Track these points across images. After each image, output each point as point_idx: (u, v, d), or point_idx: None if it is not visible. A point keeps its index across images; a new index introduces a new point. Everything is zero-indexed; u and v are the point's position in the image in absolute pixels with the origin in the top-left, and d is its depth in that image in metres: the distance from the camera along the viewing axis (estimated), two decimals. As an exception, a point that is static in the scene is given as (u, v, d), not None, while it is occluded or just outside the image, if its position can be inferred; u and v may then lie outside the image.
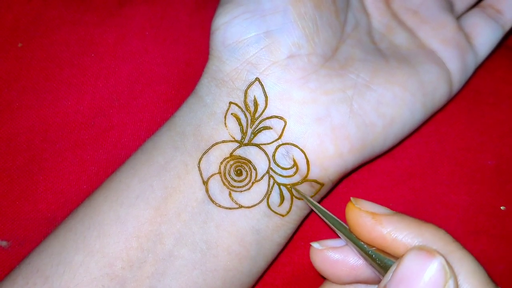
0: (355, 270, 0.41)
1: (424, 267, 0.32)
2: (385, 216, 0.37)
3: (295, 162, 0.43)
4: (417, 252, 0.33)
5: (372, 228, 0.37)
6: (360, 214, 0.38)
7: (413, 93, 0.46)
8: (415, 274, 0.32)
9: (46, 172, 0.49)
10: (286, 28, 0.42)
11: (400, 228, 0.36)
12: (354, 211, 0.38)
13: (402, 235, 0.36)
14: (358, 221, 0.38)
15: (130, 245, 0.40)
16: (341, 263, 0.41)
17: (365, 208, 0.38)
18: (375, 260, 0.37)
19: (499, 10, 0.53)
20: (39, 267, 0.40)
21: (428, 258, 0.32)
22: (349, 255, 0.41)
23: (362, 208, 0.38)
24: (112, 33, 0.53)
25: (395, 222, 0.36)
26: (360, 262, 0.41)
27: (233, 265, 0.42)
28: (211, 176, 0.42)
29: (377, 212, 0.37)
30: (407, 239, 0.36)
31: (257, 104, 0.42)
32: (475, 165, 0.53)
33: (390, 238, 0.36)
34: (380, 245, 0.37)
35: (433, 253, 0.32)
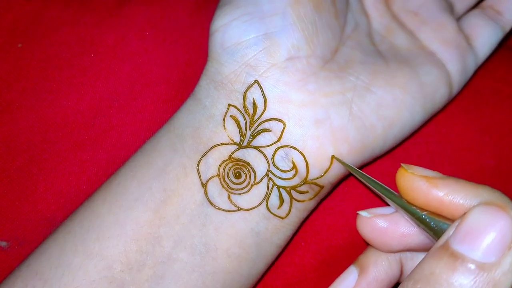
0: (405, 238, 0.41)
1: (494, 220, 0.31)
2: (440, 179, 0.36)
3: (294, 164, 0.43)
4: (487, 206, 0.32)
5: (428, 192, 0.36)
6: (414, 179, 0.37)
7: (413, 95, 0.46)
8: (484, 227, 0.31)
9: (46, 173, 0.49)
10: (285, 30, 0.42)
11: (457, 190, 0.35)
12: (408, 176, 0.37)
13: (459, 196, 0.35)
14: (412, 186, 0.37)
15: (129, 248, 0.40)
16: (391, 231, 0.41)
17: (419, 173, 0.37)
18: (429, 224, 0.36)
19: (499, 11, 0.53)
20: (38, 269, 0.40)
21: (499, 212, 0.31)
22: (399, 222, 0.41)
23: (415, 172, 0.37)
24: (112, 33, 0.53)
25: (451, 184, 0.36)
26: (411, 229, 0.41)
27: (232, 267, 0.42)
28: (210, 179, 0.42)
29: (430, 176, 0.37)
30: (465, 200, 0.35)
31: (256, 106, 0.42)
32: (475, 166, 0.53)
33: (447, 200, 0.35)
34: (435, 209, 0.36)
35: (504, 208, 0.31)
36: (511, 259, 0.30)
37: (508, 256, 0.30)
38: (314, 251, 0.50)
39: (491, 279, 0.30)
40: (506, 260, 0.30)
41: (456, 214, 0.35)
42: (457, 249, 0.31)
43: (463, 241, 0.31)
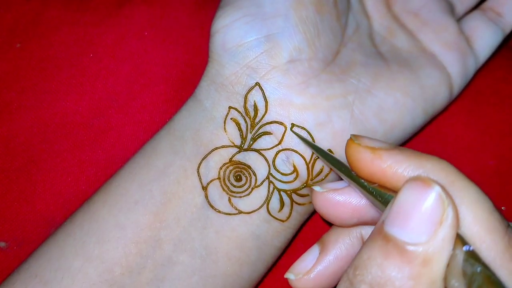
0: (358, 211, 0.39)
1: (420, 197, 0.30)
2: (385, 150, 0.35)
3: (295, 167, 0.42)
4: (413, 183, 0.30)
5: (372, 163, 0.35)
6: (359, 150, 0.35)
7: (414, 98, 0.46)
8: (411, 205, 0.30)
9: (45, 173, 0.49)
10: (287, 32, 0.42)
11: (400, 161, 0.34)
12: (353, 146, 0.36)
13: (402, 168, 0.34)
14: (358, 157, 0.35)
15: (129, 251, 0.40)
16: (344, 205, 0.39)
17: (364, 144, 0.36)
18: (376, 197, 0.35)
19: (500, 13, 0.53)
20: (37, 272, 0.40)
21: (424, 188, 0.30)
22: (351, 196, 0.39)
23: (361, 143, 0.36)
24: (111, 33, 0.53)
25: (395, 155, 0.34)
26: (363, 202, 0.39)
27: (233, 270, 0.42)
28: (211, 182, 0.42)
29: (376, 147, 0.35)
30: (408, 171, 0.33)
31: (257, 109, 0.42)
32: (475, 165, 0.53)
33: (390, 172, 0.34)
34: (381, 181, 0.35)
35: (428, 183, 0.30)
36: (442, 235, 0.29)
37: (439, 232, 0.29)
38: (313, 253, 0.50)
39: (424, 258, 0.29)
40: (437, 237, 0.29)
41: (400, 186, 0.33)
42: (389, 231, 0.30)
43: (393, 223, 0.30)
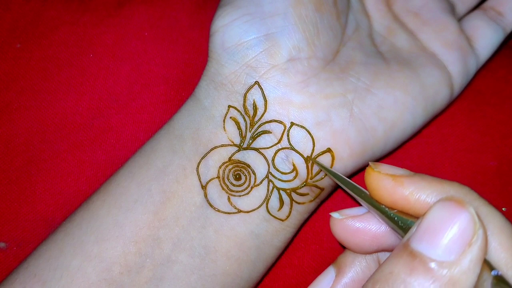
0: (378, 238, 0.40)
1: (452, 217, 0.30)
2: (406, 177, 0.36)
3: (294, 166, 0.42)
4: (446, 203, 0.31)
5: (394, 190, 0.36)
6: (380, 177, 0.36)
7: (414, 97, 0.46)
8: (442, 224, 0.30)
9: (45, 173, 0.49)
10: (287, 31, 0.42)
11: (422, 187, 0.35)
12: (374, 174, 0.37)
13: (424, 194, 0.35)
14: (379, 185, 0.36)
15: (128, 250, 0.40)
16: (363, 232, 0.40)
17: (384, 171, 0.37)
18: (398, 223, 0.36)
19: (501, 12, 0.53)
20: (36, 271, 0.40)
21: (457, 208, 0.30)
22: (371, 223, 0.40)
23: (381, 171, 0.37)
24: (111, 33, 0.53)
25: (416, 182, 0.35)
26: (383, 229, 0.40)
27: (232, 269, 0.42)
28: (210, 181, 0.42)
29: (397, 174, 0.36)
30: (431, 198, 0.35)
31: (256, 108, 0.42)
32: (476, 166, 0.53)
33: (412, 198, 0.35)
34: (402, 207, 0.36)
35: (462, 204, 0.30)
36: (470, 256, 0.30)
37: (468, 253, 0.30)
38: (313, 253, 0.50)
39: (450, 278, 0.29)
40: (466, 258, 0.30)
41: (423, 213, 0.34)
42: (416, 247, 0.31)
43: (421, 240, 0.31)
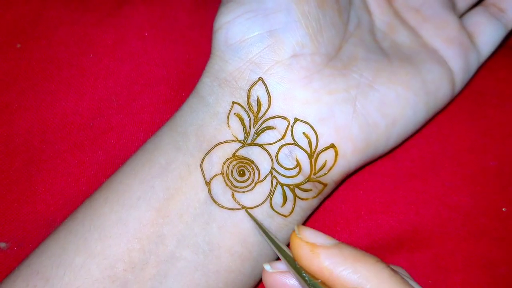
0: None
1: None
2: (324, 249, 0.36)
3: (298, 162, 0.42)
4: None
5: (311, 261, 0.36)
6: (301, 245, 0.37)
7: (416, 92, 0.46)
8: None
9: (45, 174, 0.49)
10: (290, 27, 0.42)
11: (337, 262, 0.35)
12: (295, 241, 0.37)
13: (338, 270, 0.35)
14: (299, 252, 0.37)
15: (132, 247, 0.40)
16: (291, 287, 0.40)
17: (306, 238, 0.37)
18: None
19: (502, 8, 0.53)
20: (39, 269, 0.40)
21: None
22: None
23: (303, 238, 0.37)
24: (111, 33, 0.53)
25: (333, 255, 0.35)
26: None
27: (235, 266, 0.42)
28: (214, 177, 0.42)
29: (318, 244, 0.36)
30: (344, 274, 0.35)
31: (260, 104, 0.42)
32: (477, 167, 0.53)
33: (327, 272, 0.35)
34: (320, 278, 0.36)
35: None
36: None
37: None
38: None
39: None
40: None
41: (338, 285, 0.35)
42: None
43: None
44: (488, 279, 0.49)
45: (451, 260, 0.50)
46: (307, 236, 0.37)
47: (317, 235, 0.37)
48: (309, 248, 0.36)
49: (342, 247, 0.36)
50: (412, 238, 0.50)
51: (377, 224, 0.50)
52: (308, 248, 0.36)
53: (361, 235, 0.50)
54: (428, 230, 0.50)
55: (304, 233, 0.37)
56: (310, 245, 0.36)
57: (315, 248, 0.36)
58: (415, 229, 0.50)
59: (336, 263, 0.35)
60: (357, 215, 0.50)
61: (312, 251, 0.36)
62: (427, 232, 0.50)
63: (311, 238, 0.37)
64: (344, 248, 0.36)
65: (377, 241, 0.50)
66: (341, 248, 0.36)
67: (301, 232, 0.37)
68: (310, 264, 0.36)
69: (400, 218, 0.50)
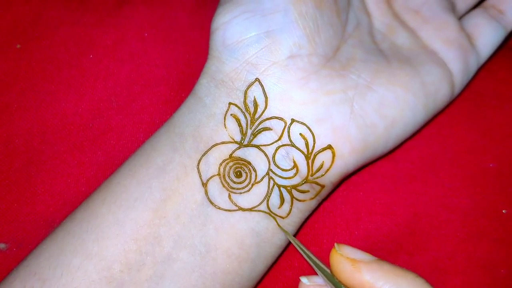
0: None
1: None
2: (365, 264, 0.38)
3: (295, 163, 0.42)
4: None
5: (352, 275, 0.38)
6: (341, 260, 0.39)
7: (415, 94, 0.46)
8: None
9: (44, 174, 0.49)
10: (287, 27, 0.42)
11: (378, 277, 0.37)
12: (336, 256, 0.39)
13: (379, 283, 0.37)
14: (339, 267, 0.39)
15: (129, 248, 0.40)
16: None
17: (346, 254, 0.39)
18: None
19: (502, 10, 0.53)
20: (36, 270, 0.40)
21: None
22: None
23: (344, 254, 0.39)
24: (111, 34, 0.53)
25: (373, 270, 0.37)
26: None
27: (232, 268, 0.42)
28: (211, 178, 0.42)
29: (357, 259, 0.38)
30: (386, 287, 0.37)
31: (257, 104, 0.42)
32: (476, 168, 0.53)
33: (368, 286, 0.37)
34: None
35: None
36: None
37: None
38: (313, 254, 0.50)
39: None
40: None
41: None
42: None
43: None
44: (488, 281, 0.49)
45: (450, 262, 0.49)
46: (348, 252, 0.39)
47: (356, 252, 0.39)
48: (350, 263, 0.38)
49: (381, 263, 0.38)
50: (412, 240, 0.50)
51: (377, 226, 0.50)
52: (349, 263, 0.38)
53: (361, 237, 0.50)
54: (428, 232, 0.50)
55: (344, 250, 0.39)
56: (351, 260, 0.38)
57: (356, 263, 0.38)
58: (415, 231, 0.50)
59: (377, 278, 0.37)
60: (357, 216, 0.50)
61: (353, 266, 0.38)
62: (427, 234, 0.50)
63: (351, 254, 0.39)
64: (384, 264, 0.38)
65: (377, 243, 0.50)
66: (381, 264, 0.38)
67: (341, 248, 0.39)
68: (352, 278, 0.38)
69: (400, 219, 0.50)
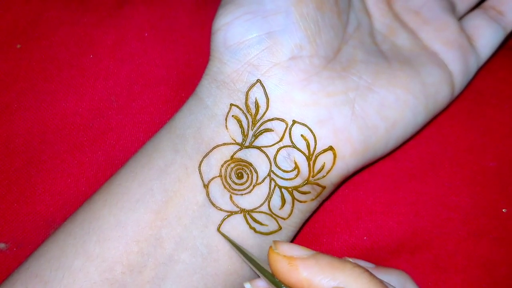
0: None
1: None
2: (301, 260, 0.36)
3: (296, 164, 0.42)
4: None
5: (289, 274, 0.36)
6: (278, 259, 0.37)
7: (415, 95, 0.46)
8: None
9: (45, 174, 0.49)
10: (288, 29, 0.42)
11: (315, 272, 0.36)
12: (273, 256, 0.37)
13: (317, 279, 0.35)
14: (277, 267, 0.37)
15: (130, 250, 0.40)
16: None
17: (283, 252, 0.37)
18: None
19: (501, 11, 0.53)
20: (38, 272, 0.40)
21: None
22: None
23: (280, 252, 0.37)
24: (111, 34, 0.53)
25: (310, 266, 0.36)
26: None
27: (234, 269, 0.42)
28: (212, 179, 0.42)
29: (295, 256, 0.37)
30: (323, 283, 0.35)
31: (258, 106, 0.42)
32: (476, 167, 0.53)
33: (306, 283, 0.36)
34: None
35: None
36: None
37: None
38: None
39: None
40: None
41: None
42: None
43: None
44: (488, 279, 0.49)
45: (451, 261, 0.50)
46: (284, 250, 0.37)
47: (293, 248, 0.38)
48: (286, 262, 0.37)
49: (318, 257, 0.36)
50: (412, 239, 0.50)
51: (377, 225, 0.50)
52: (286, 262, 0.37)
53: (361, 236, 0.50)
54: (428, 231, 0.50)
55: (280, 248, 0.38)
56: (287, 258, 0.37)
57: (293, 260, 0.37)
58: (415, 230, 0.50)
59: (314, 273, 0.36)
60: (357, 216, 0.50)
61: (290, 263, 0.36)
62: (427, 233, 0.50)
63: (288, 252, 0.37)
64: (321, 258, 0.36)
65: (377, 242, 0.50)
66: (317, 258, 0.36)
67: (277, 246, 0.38)
68: (289, 277, 0.36)
69: (400, 218, 0.50)
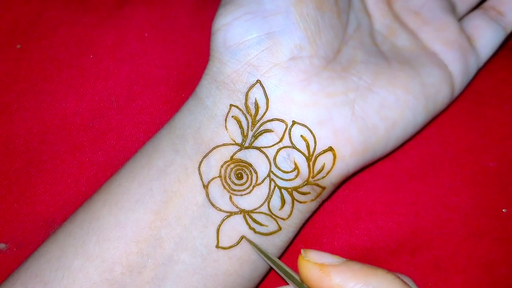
0: None
1: None
2: (333, 267, 0.37)
3: (296, 165, 0.42)
4: None
5: (321, 280, 0.37)
6: (309, 266, 0.38)
7: (415, 96, 0.46)
8: None
9: (45, 174, 0.49)
10: (288, 29, 0.42)
11: (348, 278, 0.36)
12: (303, 263, 0.38)
13: (350, 285, 0.36)
14: (308, 274, 0.38)
15: (130, 250, 0.40)
16: None
17: (314, 260, 0.38)
18: None
19: (501, 12, 0.53)
20: (37, 272, 0.40)
21: None
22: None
23: (311, 259, 0.38)
24: (111, 34, 0.53)
25: (342, 272, 0.37)
26: None
27: (234, 269, 0.42)
28: (212, 180, 0.42)
29: (325, 263, 0.37)
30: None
31: (258, 106, 0.42)
32: (476, 167, 0.53)
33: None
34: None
35: None
36: None
37: None
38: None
39: None
40: None
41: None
42: None
43: None
44: (489, 279, 0.49)
45: (451, 261, 0.50)
46: (314, 257, 0.38)
47: (323, 255, 0.38)
48: (318, 268, 0.37)
49: (350, 264, 0.37)
50: (412, 239, 0.50)
51: (377, 225, 0.50)
52: (317, 269, 0.37)
53: (361, 236, 0.50)
54: (428, 231, 0.50)
55: (310, 255, 0.38)
56: (319, 265, 0.37)
57: (324, 267, 0.37)
58: (415, 230, 0.50)
59: (347, 279, 0.36)
60: (357, 216, 0.50)
61: (321, 270, 0.37)
62: (427, 233, 0.50)
63: (318, 259, 0.38)
64: (353, 264, 0.37)
65: (377, 242, 0.50)
66: (349, 265, 0.37)
67: (307, 254, 0.38)
68: (321, 283, 0.37)
69: (400, 219, 0.50)
